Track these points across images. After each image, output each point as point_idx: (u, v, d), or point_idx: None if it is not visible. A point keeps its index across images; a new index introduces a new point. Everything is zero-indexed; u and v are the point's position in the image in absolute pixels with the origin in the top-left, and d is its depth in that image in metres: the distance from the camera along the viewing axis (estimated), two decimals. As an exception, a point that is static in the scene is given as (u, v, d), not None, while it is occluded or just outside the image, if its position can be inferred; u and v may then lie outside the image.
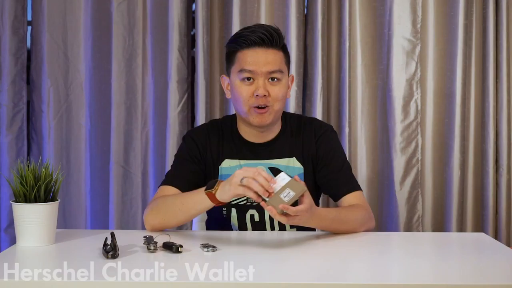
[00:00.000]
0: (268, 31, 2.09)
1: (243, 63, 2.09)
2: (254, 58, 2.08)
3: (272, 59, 2.09)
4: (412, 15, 3.11)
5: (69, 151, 3.16)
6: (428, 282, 1.57)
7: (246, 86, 2.10)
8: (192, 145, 2.19)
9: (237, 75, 2.11)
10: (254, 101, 2.09)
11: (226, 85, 2.20)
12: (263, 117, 2.11)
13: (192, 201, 1.97)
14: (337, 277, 1.61)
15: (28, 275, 1.63)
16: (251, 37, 2.08)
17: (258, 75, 2.08)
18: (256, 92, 2.08)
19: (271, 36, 2.09)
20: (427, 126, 3.13)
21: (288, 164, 2.17)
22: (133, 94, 3.13)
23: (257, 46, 2.09)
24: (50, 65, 3.12)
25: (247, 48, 2.09)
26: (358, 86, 3.13)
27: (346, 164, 2.21)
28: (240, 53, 2.10)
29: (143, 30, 3.12)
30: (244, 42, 2.09)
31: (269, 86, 2.09)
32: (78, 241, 1.93)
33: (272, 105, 2.10)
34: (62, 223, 3.09)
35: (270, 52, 2.09)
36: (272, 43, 2.10)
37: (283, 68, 2.12)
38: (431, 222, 3.14)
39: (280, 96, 2.11)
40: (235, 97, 2.13)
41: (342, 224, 2.00)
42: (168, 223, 2.02)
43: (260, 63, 2.08)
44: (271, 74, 2.09)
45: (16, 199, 1.85)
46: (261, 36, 2.08)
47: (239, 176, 1.83)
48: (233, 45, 2.13)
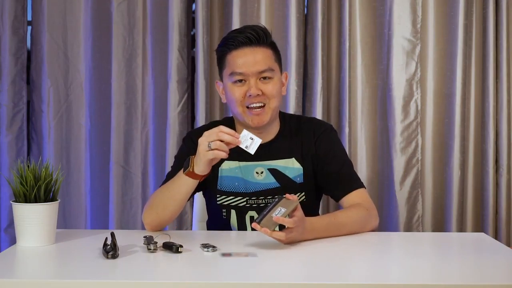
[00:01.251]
0: (254, 30, 2.11)
1: (233, 65, 2.10)
2: (243, 58, 2.09)
3: (260, 58, 2.10)
4: (412, 15, 3.11)
5: (69, 151, 3.16)
6: (428, 282, 1.57)
7: (238, 88, 2.10)
8: (192, 146, 2.18)
9: (228, 78, 2.12)
10: (247, 100, 2.09)
11: (221, 91, 2.21)
12: (260, 117, 2.11)
13: (176, 185, 2.01)
14: (337, 277, 1.61)
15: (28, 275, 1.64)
16: (238, 38, 2.10)
17: (249, 76, 2.09)
18: (248, 92, 2.09)
19: (257, 35, 2.10)
20: (427, 126, 3.13)
21: (288, 165, 2.17)
22: (133, 94, 3.13)
23: (245, 46, 2.10)
24: (50, 65, 3.12)
25: (235, 50, 2.10)
26: (358, 86, 3.13)
27: (347, 162, 2.20)
28: (229, 55, 2.12)
29: (143, 30, 3.13)
30: (232, 43, 2.11)
31: (261, 85, 2.10)
32: (78, 241, 1.93)
33: (268, 103, 2.11)
34: (62, 223, 3.10)
35: (258, 51, 2.10)
36: (259, 41, 2.11)
37: (273, 66, 2.12)
38: (431, 222, 3.14)
39: (275, 92, 2.11)
40: (229, 99, 2.14)
41: (338, 229, 1.99)
42: (163, 216, 2.03)
43: (249, 64, 2.09)
44: (261, 74, 2.10)
45: (16, 199, 1.85)
46: (247, 36, 2.10)
47: (204, 143, 1.90)
48: (222, 48, 2.14)
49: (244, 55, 2.10)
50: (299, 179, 2.17)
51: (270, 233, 1.79)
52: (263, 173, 2.16)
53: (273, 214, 1.79)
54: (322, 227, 1.95)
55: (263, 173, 2.16)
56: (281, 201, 1.82)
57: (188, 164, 1.96)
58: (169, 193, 2.03)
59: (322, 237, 1.95)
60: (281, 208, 1.81)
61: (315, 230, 1.92)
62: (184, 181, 1.99)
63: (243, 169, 2.16)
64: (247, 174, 2.16)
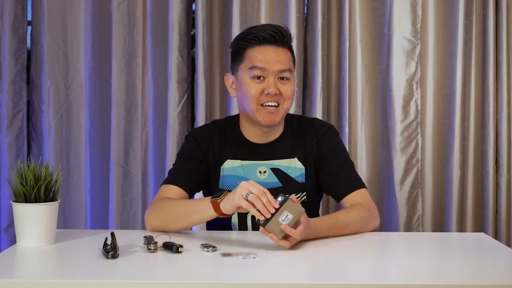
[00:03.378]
0: (278, 29, 2.09)
1: (253, 60, 2.08)
2: (265, 55, 2.07)
3: (282, 58, 2.09)
4: (412, 15, 3.11)
5: (69, 151, 3.16)
6: (428, 282, 1.57)
7: (256, 84, 2.08)
8: (194, 145, 2.19)
9: (247, 72, 2.09)
10: (263, 98, 2.08)
11: (230, 84, 2.18)
12: (273, 116, 2.10)
13: (196, 208, 1.96)
14: (337, 277, 1.61)
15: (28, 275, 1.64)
16: (262, 34, 2.07)
17: (269, 73, 2.07)
18: (267, 90, 2.07)
19: (282, 35, 2.09)
20: (427, 126, 3.13)
21: (290, 165, 2.17)
22: (133, 94, 3.13)
23: (268, 43, 2.08)
24: (50, 65, 3.12)
25: (257, 45, 2.08)
26: (358, 86, 3.13)
27: (348, 163, 2.20)
28: (250, 50, 2.09)
29: (143, 30, 3.13)
30: (255, 39, 2.08)
31: (279, 85, 2.08)
32: (78, 241, 1.93)
33: (282, 103, 2.10)
34: (62, 223, 3.10)
35: (280, 51, 2.09)
36: (283, 41, 2.09)
37: (292, 67, 2.12)
38: (431, 222, 3.14)
39: (290, 94, 2.10)
40: (243, 94, 2.10)
41: (340, 230, 1.99)
42: (169, 227, 2.01)
43: (271, 61, 2.07)
44: (281, 73, 2.09)
45: (16, 199, 1.85)
46: (272, 34, 2.08)
47: (244, 189, 1.82)
48: (242, 42, 2.11)
49: (267, 51, 2.08)
50: (301, 178, 2.17)
51: (276, 240, 1.79)
52: (266, 172, 2.16)
53: (279, 218, 1.78)
54: (325, 229, 1.96)
55: (266, 172, 2.16)
56: (286, 202, 1.81)
57: (220, 195, 1.90)
58: (184, 212, 1.97)
59: (323, 237, 1.95)
60: (288, 213, 1.79)
61: (318, 231, 1.93)
62: (205, 206, 1.91)
63: (246, 168, 2.16)
64: (249, 173, 2.15)
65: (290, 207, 1.80)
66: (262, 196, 1.80)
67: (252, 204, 1.80)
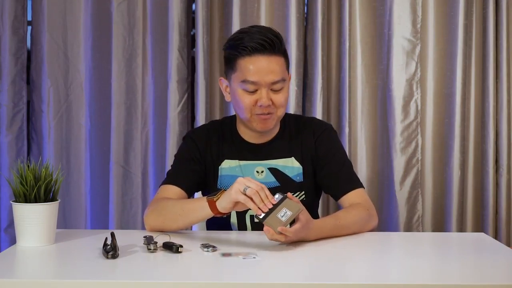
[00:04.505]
0: (268, 37, 2.04)
1: (245, 72, 2.04)
2: (257, 66, 2.03)
3: (274, 68, 2.05)
4: (412, 15, 3.11)
5: (69, 151, 3.16)
6: (428, 282, 1.57)
7: (248, 95, 2.06)
8: (192, 145, 2.19)
9: (239, 84, 2.07)
10: (257, 109, 2.07)
11: (224, 87, 2.17)
12: (266, 122, 2.10)
13: (192, 207, 1.96)
14: (337, 277, 1.61)
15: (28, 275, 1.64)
16: (251, 44, 2.03)
17: (261, 86, 2.05)
18: (259, 102, 2.05)
19: (272, 42, 2.04)
20: (427, 126, 3.13)
21: (287, 164, 2.17)
22: (133, 94, 3.13)
23: (258, 53, 2.03)
24: (50, 65, 3.12)
25: (248, 56, 2.04)
26: (358, 86, 3.13)
27: (347, 162, 2.20)
28: (241, 60, 2.05)
29: (143, 30, 3.12)
30: (244, 49, 2.04)
31: (272, 95, 2.06)
32: (78, 241, 1.93)
33: (276, 112, 2.09)
34: (62, 223, 3.10)
35: (272, 60, 2.05)
36: (274, 49, 2.05)
37: (285, 75, 2.09)
38: (431, 222, 3.14)
39: (283, 102, 2.09)
40: (237, 104, 2.10)
41: (342, 230, 2.00)
42: (168, 227, 2.01)
43: (262, 73, 2.03)
44: (274, 85, 2.06)
45: (16, 199, 1.85)
46: (261, 43, 2.03)
47: (241, 184, 1.82)
48: (232, 52, 2.07)
49: (258, 62, 2.03)
50: (298, 178, 2.17)
51: (272, 233, 1.79)
52: (263, 172, 2.16)
53: (277, 214, 1.79)
54: (327, 229, 1.96)
55: (263, 172, 2.16)
56: (285, 200, 1.82)
57: (216, 193, 1.90)
58: (182, 211, 1.97)
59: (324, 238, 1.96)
60: (287, 210, 1.80)
61: (321, 232, 1.94)
62: (202, 205, 1.91)
63: (244, 168, 2.16)
64: (247, 173, 2.16)
65: (289, 205, 1.81)
66: (261, 190, 1.81)
67: (250, 198, 1.80)
